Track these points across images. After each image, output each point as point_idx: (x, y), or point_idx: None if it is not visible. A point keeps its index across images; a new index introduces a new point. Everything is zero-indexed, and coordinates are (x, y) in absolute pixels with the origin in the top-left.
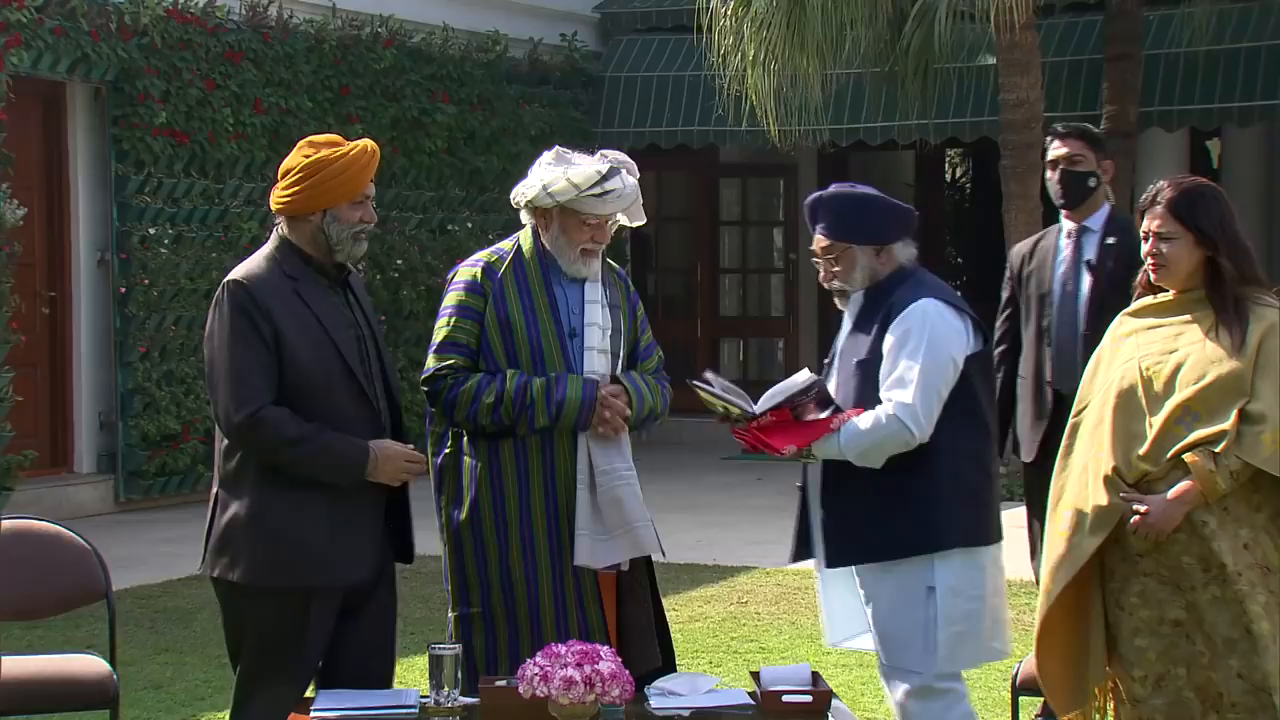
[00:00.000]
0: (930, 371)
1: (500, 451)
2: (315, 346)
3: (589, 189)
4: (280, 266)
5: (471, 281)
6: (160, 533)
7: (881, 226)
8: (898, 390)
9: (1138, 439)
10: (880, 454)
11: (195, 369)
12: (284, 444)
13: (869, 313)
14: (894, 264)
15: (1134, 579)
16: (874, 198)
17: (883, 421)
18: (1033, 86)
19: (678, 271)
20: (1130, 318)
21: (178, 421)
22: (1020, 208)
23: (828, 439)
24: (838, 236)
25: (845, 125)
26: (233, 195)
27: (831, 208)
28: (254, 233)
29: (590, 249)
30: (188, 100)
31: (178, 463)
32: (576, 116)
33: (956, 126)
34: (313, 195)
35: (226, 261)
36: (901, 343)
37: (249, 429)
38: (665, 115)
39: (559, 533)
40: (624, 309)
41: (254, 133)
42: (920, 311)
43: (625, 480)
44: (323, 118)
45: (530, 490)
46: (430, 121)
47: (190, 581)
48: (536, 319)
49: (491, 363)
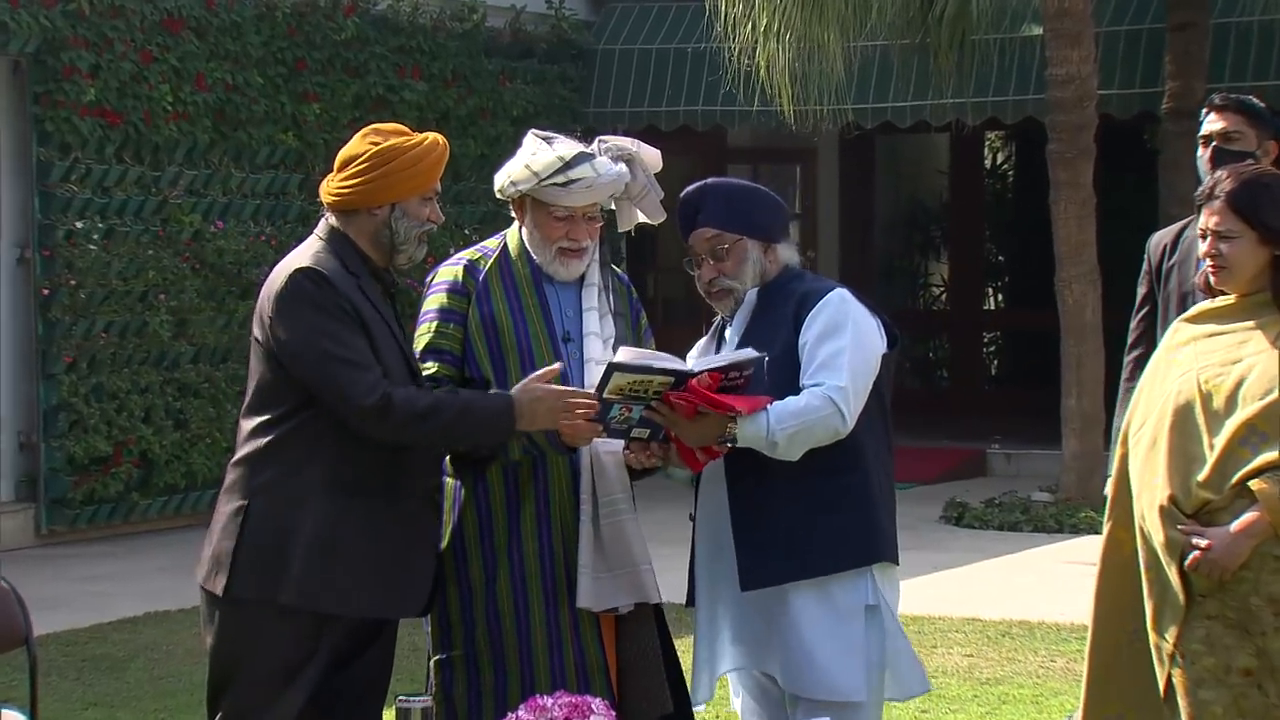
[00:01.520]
0: (858, 359)
1: (487, 471)
2: (390, 353)
3: (549, 177)
4: (341, 261)
5: (453, 282)
6: (88, 569)
7: (772, 221)
8: (827, 374)
9: (1197, 463)
10: (809, 439)
11: (129, 382)
12: (418, 418)
13: (769, 310)
14: (780, 264)
15: (1196, 623)
16: (763, 190)
17: (815, 404)
18: (1084, 60)
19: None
20: (1188, 324)
21: (108, 443)
22: (1070, 198)
23: (755, 417)
24: (728, 227)
25: (870, 105)
26: (172, 184)
27: (721, 195)
28: (196, 226)
29: (569, 248)
30: (120, 75)
31: (108, 489)
32: (565, 94)
33: (997, 106)
34: (382, 186)
35: (164, 260)
36: (825, 330)
37: (382, 413)
38: (665, 93)
39: (553, 564)
40: (626, 318)
41: (196, 113)
42: (839, 299)
43: (626, 512)
44: (275, 96)
45: (521, 516)
46: (398, 100)
47: (122, 625)
48: (525, 319)
49: (475, 369)
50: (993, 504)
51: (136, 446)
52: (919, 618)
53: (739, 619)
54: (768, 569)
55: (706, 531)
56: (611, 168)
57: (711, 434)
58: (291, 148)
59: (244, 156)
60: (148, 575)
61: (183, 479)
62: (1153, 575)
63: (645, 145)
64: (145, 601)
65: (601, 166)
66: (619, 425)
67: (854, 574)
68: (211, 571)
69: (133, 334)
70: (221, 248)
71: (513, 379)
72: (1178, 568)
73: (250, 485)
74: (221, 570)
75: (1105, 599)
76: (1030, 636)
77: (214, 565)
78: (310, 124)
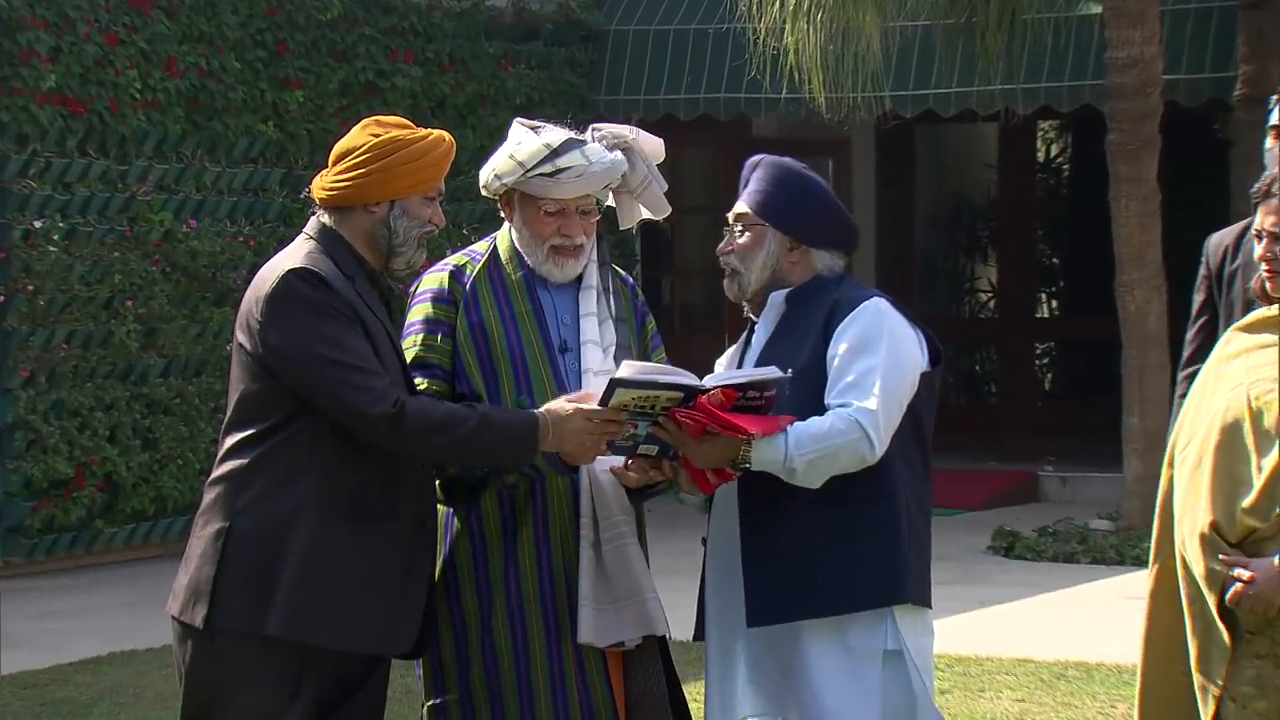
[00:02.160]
0: (892, 378)
1: (480, 494)
2: (391, 363)
3: (535, 167)
4: (334, 262)
5: (439, 290)
6: (48, 604)
7: (810, 222)
8: (856, 395)
9: (1243, 486)
10: (832, 466)
11: (93, 398)
12: (434, 429)
13: (798, 317)
14: (808, 270)
15: (1245, 662)
16: (821, 187)
17: (840, 427)
18: (1148, 41)
19: (699, 274)
20: (1241, 333)
21: (70, 464)
22: (1132, 194)
23: (772, 440)
24: (757, 209)
25: (910, 91)
26: (140, 179)
27: (769, 175)
28: (167, 226)
29: (561, 246)
30: (83, 59)
31: (69, 516)
32: (572, 81)
33: (1051, 93)
34: (382, 181)
35: (132, 263)
36: (857, 344)
37: (395, 422)
38: (684, 79)
39: (554, 593)
40: (630, 323)
41: (167, 100)
42: (874, 309)
43: (628, 535)
44: (254, 82)
45: (518, 541)
46: (389, 87)
47: (85, 666)
48: (518, 327)
49: (466, 384)
50: (1046, 533)
51: (101, 469)
52: (964, 659)
53: (754, 658)
54: (777, 604)
55: (718, 558)
56: (604, 155)
57: (722, 456)
58: (272, 139)
59: (220, 149)
60: (113, 611)
61: (152, 504)
62: (1195, 610)
63: (645, 133)
64: (110, 640)
65: (593, 154)
66: (623, 442)
67: (872, 615)
68: (189, 601)
69: (97, 344)
70: (195, 249)
71: (505, 393)
72: (1218, 602)
73: (233, 505)
74: (201, 600)
75: (1155, 639)
76: (1088, 679)
77: (192, 594)
78: (293, 113)
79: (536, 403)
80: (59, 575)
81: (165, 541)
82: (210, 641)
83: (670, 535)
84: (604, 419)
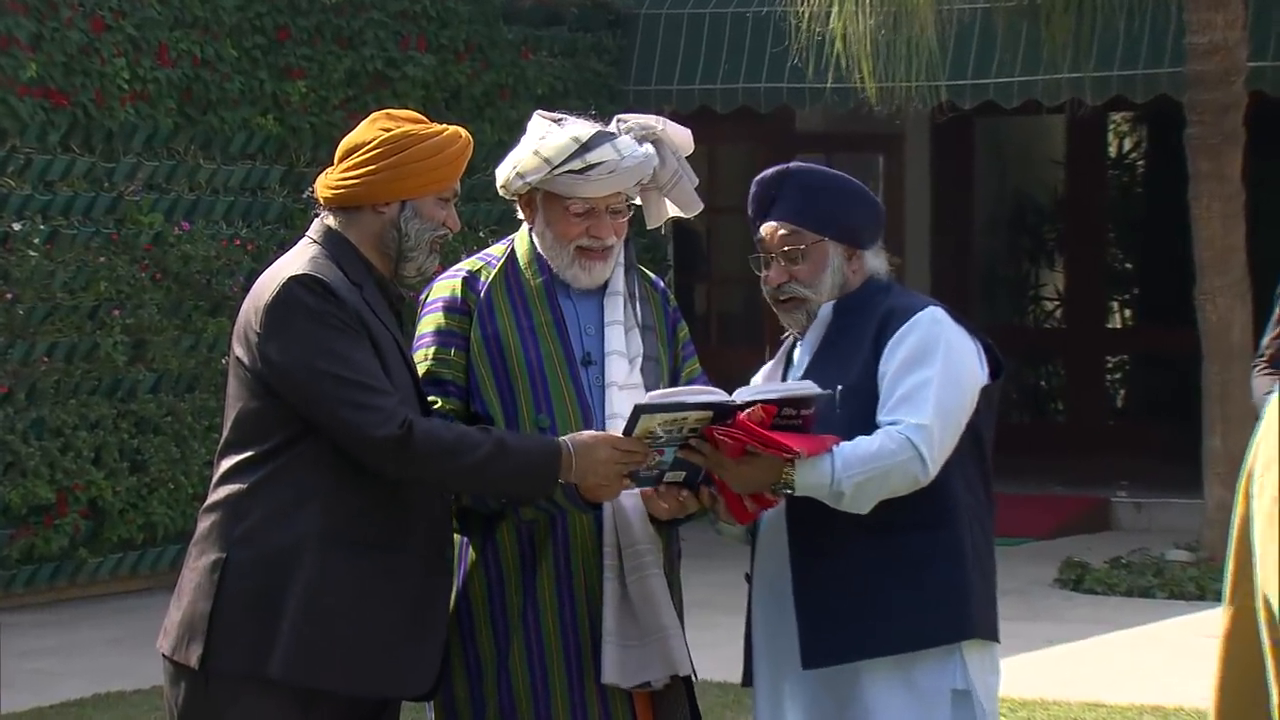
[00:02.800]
0: (948, 392)
1: (496, 524)
2: (401, 379)
3: (564, 163)
4: (340, 268)
5: (451, 299)
6: (27, 642)
7: (863, 223)
8: (908, 411)
9: None
10: (882, 488)
11: (76, 416)
12: (445, 453)
13: (846, 328)
14: (864, 274)
15: None
16: (856, 184)
17: (891, 447)
18: (1231, 25)
19: (737, 281)
20: None
21: (51, 488)
22: (1214, 193)
23: (817, 461)
24: (809, 224)
25: (968, 81)
26: (128, 177)
27: (805, 184)
28: (157, 228)
29: (589, 248)
30: (67, 47)
31: (50, 545)
32: (599, 70)
33: (1124, 82)
34: (393, 179)
35: (119, 268)
36: (910, 356)
37: (402, 446)
38: (721, 68)
39: (577, 632)
40: (660, 331)
41: (158, 92)
42: (930, 319)
43: (652, 566)
44: (252, 71)
45: (538, 575)
46: (399, 77)
47: (67, 710)
48: (536, 340)
49: (480, 401)
50: (1119, 564)
51: (85, 493)
52: (1029, 702)
53: (808, 702)
54: (834, 643)
55: (766, 595)
56: (636, 149)
57: (764, 479)
58: (272, 134)
59: (215, 144)
60: (98, 649)
61: (140, 533)
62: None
63: (672, 123)
64: (95, 681)
65: (625, 147)
66: (647, 472)
67: (939, 652)
68: (182, 640)
69: (81, 358)
70: (188, 254)
71: (523, 411)
72: None
73: (230, 534)
74: (195, 638)
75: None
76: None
77: (185, 632)
78: (294, 105)
79: (557, 421)
80: (39, 610)
81: (155, 573)
82: (205, 684)
83: (709, 567)
84: (630, 448)
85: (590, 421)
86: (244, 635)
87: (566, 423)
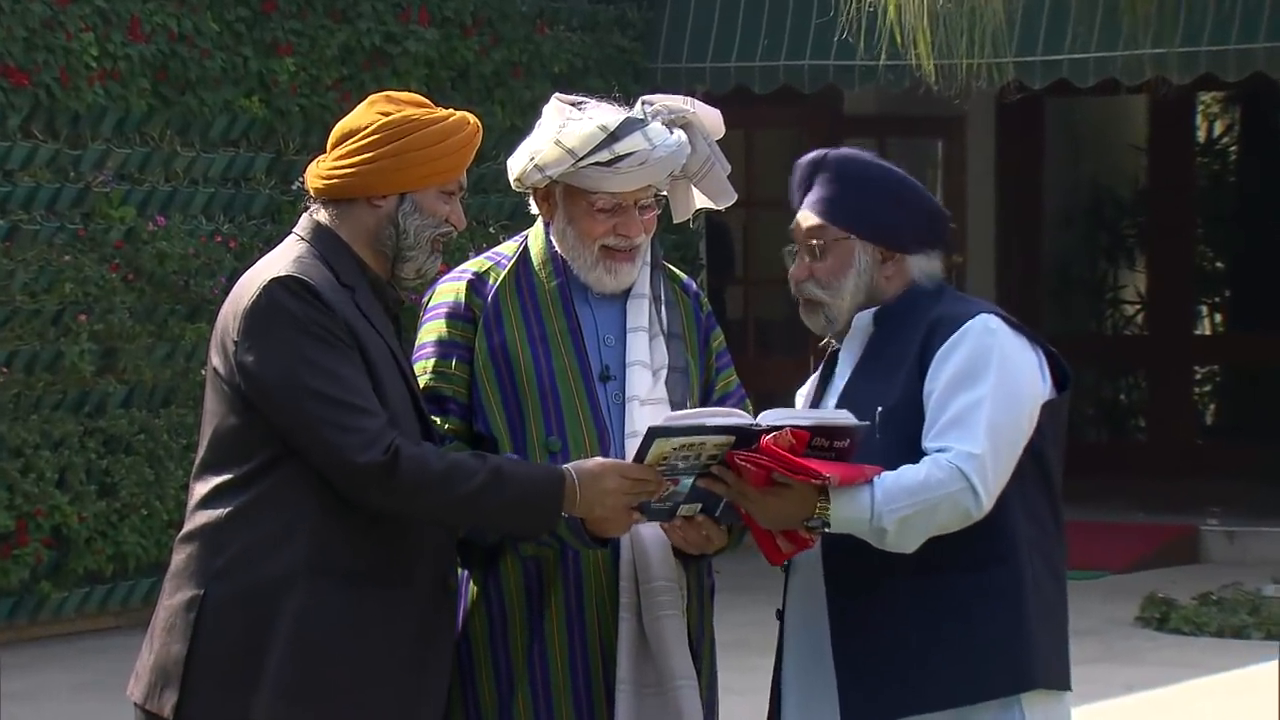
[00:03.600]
0: (1003, 412)
1: (500, 558)
2: (396, 394)
3: (589, 154)
4: (330, 269)
5: (454, 304)
6: None
7: (904, 222)
8: (957, 436)
9: None
10: (929, 524)
11: (38, 433)
12: (434, 483)
13: (890, 339)
14: (903, 282)
15: None
16: (905, 179)
17: (939, 476)
18: None
19: (777, 283)
20: None
21: (10, 515)
22: None
23: (855, 493)
24: (835, 218)
25: (1039, 57)
26: (97, 166)
27: (840, 172)
28: (130, 223)
29: (616, 247)
30: (28, 21)
31: (10, 578)
32: (623, 45)
33: (1214, 58)
34: (392, 169)
35: (87, 268)
36: (961, 372)
37: (385, 475)
38: (760, 44)
39: (589, 677)
40: (690, 340)
41: (130, 70)
42: (981, 328)
43: (669, 606)
44: (235, 48)
45: (545, 614)
46: (399, 53)
47: None
48: (549, 351)
49: (483, 421)
50: (1209, 601)
51: (48, 520)
52: None
53: None
54: (878, 698)
55: (799, 638)
56: (669, 137)
57: (795, 512)
58: (257, 117)
59: (193, 129)
60: (63, 695)
61: (109, 564)
62: None
63: (701, 103)
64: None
65: (657, 135)
66: (660, 505)
67: (996, 706)
68: (155, 686)
69: (43, 368)
70: (163, 252)
71: (532, 432)
72: None
73: (208, 568)
74: (169, 684)
75: None
76: None
77: (159, 678)
78: (282, 86)
79: (569, 444)
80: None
81: (126, 610)
82: None
83: (745, 603)
84: (642, 477)
85: (607, 444)
86: (224, 681)
87: (580, 445)
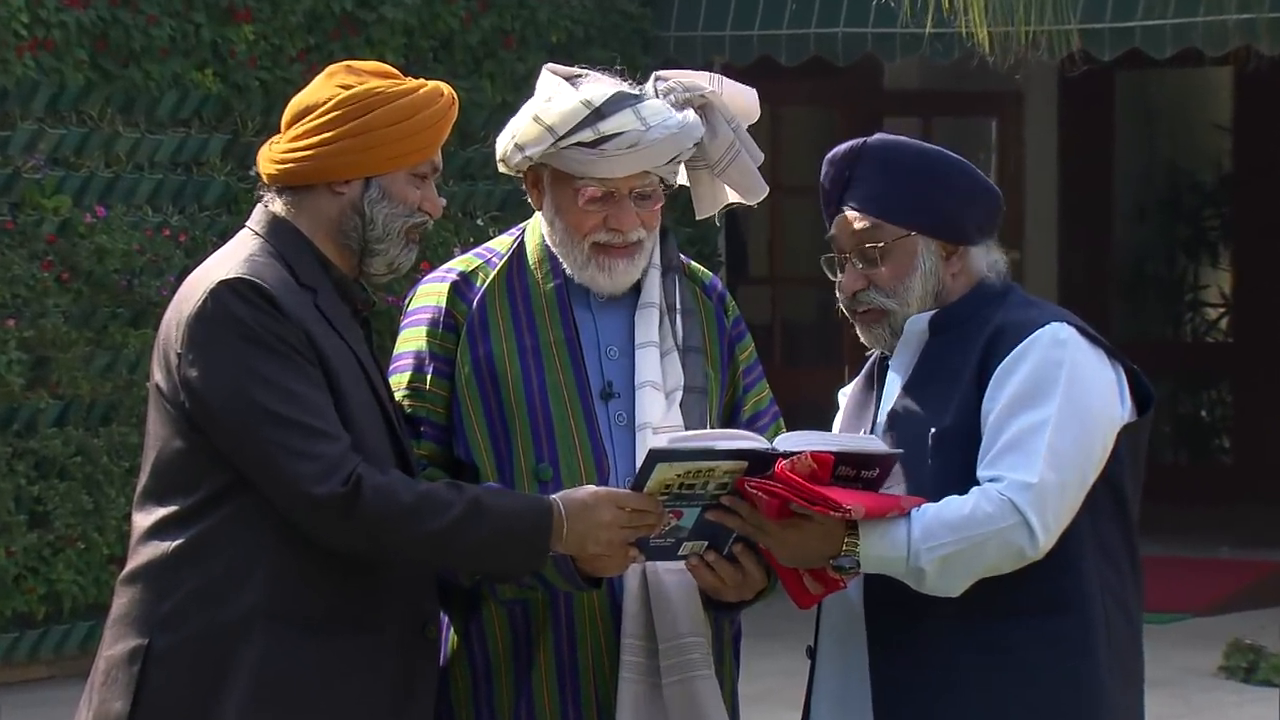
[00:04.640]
0: (1069, 436)
1: (484, 602)
2: (364, 412)
3: (570, 133)
4: (288, 268)
5: (435, 311)
6: None
7: (966, 210)
8: (1012, 462)
9: None
10: (976, 566)
11: None
12: (401, 516)
13: (948, 349)
14: (970, 277)
15: None
16: (956, 160)
17: (988, 510)
18: None
19: (810, 281)
20: None
21: None
22: None
23: (889, 527)
24: (891, 215)
25: (1107, 24)
26: (27, 150)
27: (887, 161)
28: (65, 214)
29: (609, 243)
30: None
31: None
32: (630, 11)
33: None
34: (353, 149)
35: (16, 266)
36: (1024, 389)
37: (345, 508)
38: (788, 9)
39: None
40: (710, 353)
41: (65, 40)
42: (1050, 339)
43: (700, 665)
44: (186, 14)
45: (534, 667)
46: (374, 20)
47: None
48: (541, 364)
49: (464, 446)
50: None
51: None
52: None
53: None
54: None
55: (833, 684)
56: (670, 116)
57: (818, 548)
58: (212, 94)
59: (138, 107)
60: None
61: (42, 605)
62: None
63: (731, 83)
64: None
65: (652, 114)
66: (661, 541)
67: None
68: None
69: None
70: (103, 247)
71: (519, 460)
72: None
73: (152, 613)
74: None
75: None
76: None
77: None
78: (240, 58)
79: (561, 473)
80: None
81: (60, 658)
82: None
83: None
84: (641, 508)
85: (606, 472)
86: None
87: (575, 473)
